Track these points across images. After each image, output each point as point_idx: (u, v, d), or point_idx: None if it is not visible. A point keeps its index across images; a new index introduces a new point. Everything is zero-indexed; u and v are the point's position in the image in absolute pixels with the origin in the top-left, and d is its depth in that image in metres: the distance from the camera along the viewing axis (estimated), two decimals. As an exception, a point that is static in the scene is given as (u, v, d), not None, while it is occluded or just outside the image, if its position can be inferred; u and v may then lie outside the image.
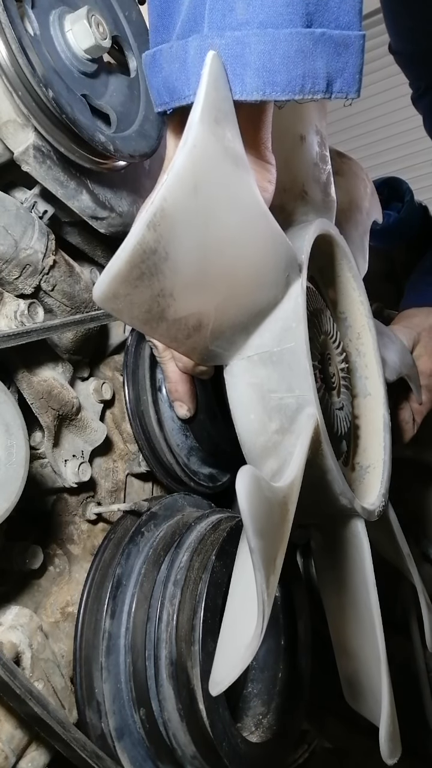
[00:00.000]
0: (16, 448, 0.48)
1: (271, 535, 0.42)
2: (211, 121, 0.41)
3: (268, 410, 0.52)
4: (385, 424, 0.74)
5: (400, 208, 1.24)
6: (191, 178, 0.40)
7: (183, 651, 0.55)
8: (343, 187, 0.79)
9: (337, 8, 0.44)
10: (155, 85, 0.48)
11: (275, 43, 0.42)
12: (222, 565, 0.59)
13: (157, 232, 0.39)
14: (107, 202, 0.62)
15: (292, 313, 0.52)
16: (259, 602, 0.38)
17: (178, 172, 0.39)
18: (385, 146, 3.05)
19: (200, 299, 0.45)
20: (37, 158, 0.55)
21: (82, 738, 0.52)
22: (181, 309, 0.44)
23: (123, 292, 0.39)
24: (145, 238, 0.38)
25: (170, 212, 0.39)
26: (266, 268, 0.50)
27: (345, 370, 0.69)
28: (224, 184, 0.43)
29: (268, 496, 0.42)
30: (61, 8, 0.57)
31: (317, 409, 0.51)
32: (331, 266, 0.72)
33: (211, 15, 0.44)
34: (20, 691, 0.48)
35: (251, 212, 0.46)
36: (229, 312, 0.49)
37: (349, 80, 0.46)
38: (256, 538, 0.39)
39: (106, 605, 0.57)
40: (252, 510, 0.39)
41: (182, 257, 0.41)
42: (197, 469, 0.75)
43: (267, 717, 0.68)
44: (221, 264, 0.46)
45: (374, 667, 0.60)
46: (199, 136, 0.40)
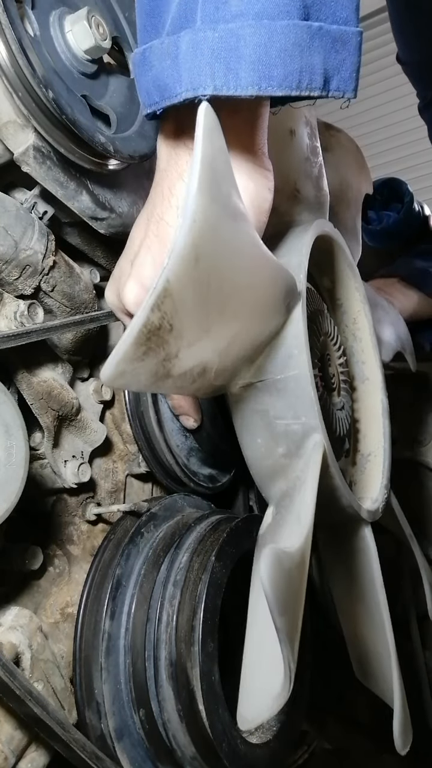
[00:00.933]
0: (16, 448, 0.48)
1: (293, 603, 0.43)
2: (209, 185, 0.39)
3: (274, 436, 0.53)
4: (384, 409, 0.74)
5: (399, 209, 1.24)
6: (193, 253, 0.39)
7: (183, 652, 0.55)
8: (332, 163, 0.78)
9: (334, 3, 0.42)
10: (144, 85, 0.46)
11: (271, 34, 0.40)
12: (222, 565, 0.59)
13: (161, 311, 0.39)
14: (107, 202, 0.62)
15: (293, 340, 0.52)
16: (286, 669, 0.40)
17: (180, 252, 0.38)
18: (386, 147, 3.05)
19: (204, 351, 0.45)
20: (37, 159, 0.55)
21: (81, 739, 0.52)
22: (186, 364, 0.44)
23: (130, 369, 0.39)
24: (149, 320, 0.38)
25: (173, 290, 0.39)
26: (267, 305, 0.50)
27: (343, 364, 0.69)
28: (225, 245, 0.42)
29: (288, 567, 0.43)
30: (61, 9, 0.57)
31: (324, 436, 0.52)
32: (326, 256, 0.72)
33: (204, 8, 0.42)
34: (20, 692, 0.48)
35: (251, 260, 0.46)
36: (233, 352, 0.49)
37: (347, 78, 0.43)
38: (281, 617, 0.40)
39: (106, 606, 0.57)
40: (276, 593, 0.40)
41: (186, 323, 0.41)
42: (197, 469, 0.75)
43: (267, 717, 0.68)
44: (224, 316, 0.45)
45: (384, 658, 0.62)
46: (198, 209, 0.39)
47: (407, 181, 1.28)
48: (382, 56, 2.93)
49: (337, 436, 0.64)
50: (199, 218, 0.39)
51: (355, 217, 0.84)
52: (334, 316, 0.76)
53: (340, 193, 0.81)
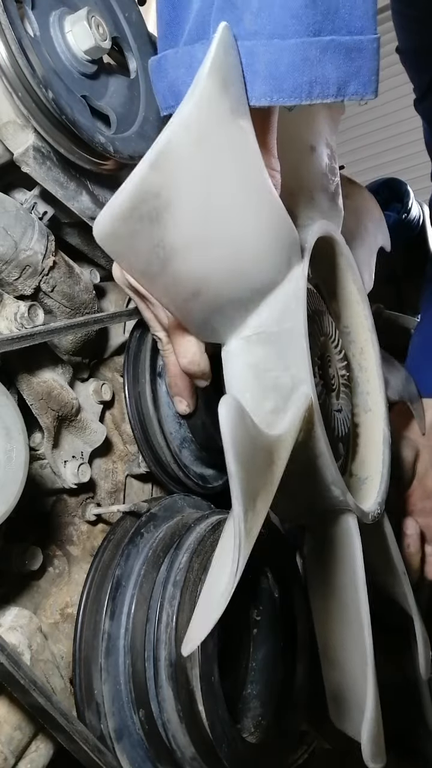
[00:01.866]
0: (16, 450, 0.48)
1: (253, 473, 0.39)
2: (219, 81, 0.40)
3: (263, 389, 0.52)
4: (385, 439, 0.74)
5: (399, 209, 1.24)
6: (196, 128, 0.39)
7: (182, 652, 0.55)
8: (351, 209, 0.79)
9: (348, 15, 0.46)
10: (160, 90, 0.50)
11: (280, 52, 0.44)
12: (221, 566, 0.59)
13: (160, 173, 0.38)
14: (107, 203, 0.62)
15: (291, 295, 0.52)
16: (236, 534, 0.35)
17: (183, 117, 0.38)
18: (385, 147, 3.05)
19: (199, 261, 0.45)
20: (36, 159, 0.55)
21: (84, 731, 0.52)
22: (180, 268, 0.44)
23: (123, 233, 0.39)
24: (147, 178, 0.38)
25: (173, 157, 0.39)
26: (268, 243, 0.50)
27: (345, 378, 0.69)
28: (229, 146, 0.43)
29: (253, 434, 0.41)
30: (61, 9, 0.57)
31: (312, 387, 0.51)
32: (334, 277, 0.72)
33: (216, 24, 0.44)
34: (24, 682, 0.48)
35: (255, 182, 0.46)
36: (229, 284, 0.49)
37: (365, 82, 0.47)
38: (236, 464, 0.36)
39: (106, 606, 0.57)
40: (233, 435, 0.36)
41: (184, 209, 0.41)
42: (197, 470, 0.75)
43: (266, 718, 0.68)
44: (222, 227, 0.45)
45: (360, 674, 0.58)
46: (206, 90, 0.39)
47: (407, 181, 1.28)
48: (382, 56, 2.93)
49: (334, 436, 0.64)
50: (206, 96, 0.39)
51: (370, 256, 0.85)
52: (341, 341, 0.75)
53: (357, 234, 0.82)
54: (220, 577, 0.35)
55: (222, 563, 0.38)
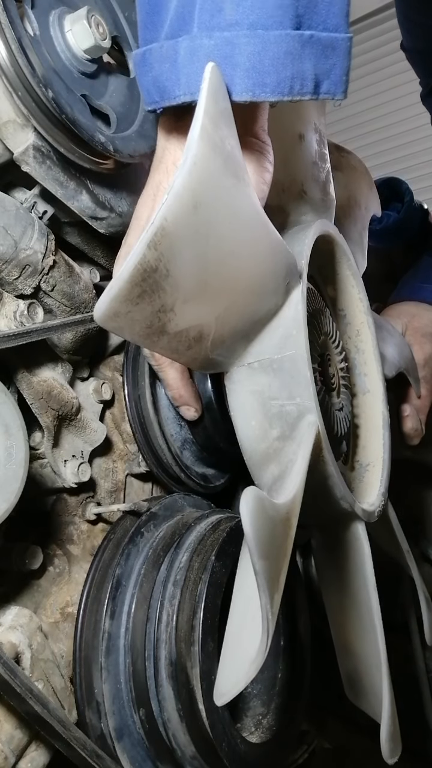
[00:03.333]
0: (16, 448, 0.48)
1: (275, 554, 0.42)
2: (210, 136, 0.40)
3: (269, 417, 0.52)
4: (385, 421, 0.74)
5: (399, 209, 1.24)
6: (191, 197, 0.39)
7: (182, 651, 0.55)
8: (341, 182, 0.78)
9: (325, 11, 0.44)
10: (145, 84, 0.48)
11: (265, 44, 0.42)
12: (222, 565, 0.59)
13: (158, 251, 0.39)
14: (107, 202, 0.62)
15: (292, 321, 0.52)
16: (264, 622, 0.38)
17: (177, 191, 0.39)
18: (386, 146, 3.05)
19: (201, 311, 0.45)
20: (36, 158, 0.55)
21: (82, 737, 0.52)
22: (182, 322, 0.44)
23: (124, 311, 0.39)
24: (145, 258, 0.38)
25: (171, 231, 0.39)
26: (266, 278, 0.50)
27: (344, 369, 0.69)
28: (224, 199, 0.42)
29: (271, 515, 0.42)
30: (60, 8, 0.57)
31: (318, 416, 0.51)
32: (330, 264, 0.72)
33: (200, 15, 0.43)
34: (20, 690, 0.48)
35: (251, 223, 0.46)
36: (230, 321, 0.49)
37: (336, 81, 0.46)
38: (261, 560, 0.39)
39: (106, 606, 0.57)
40: (256, 533, 0.39)
41: (183, 272, 0.41)
42: (197, 469, 0.75)
43: (267, 717, 0.68)
44: (222, 275, 0.45)
45: (374, 666, 0.60)
46: (198, 154, 0.39)
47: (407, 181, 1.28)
48: (382, 55, 2.93)
49: (336, 436, 0.64)
50: (199, 162, 0.39)
51: (361, 232, 0.84)
52: (337, 327, 0.75)
53: (348, 209, 0.82)
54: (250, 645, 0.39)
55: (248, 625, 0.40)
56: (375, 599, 0.60)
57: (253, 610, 0.39)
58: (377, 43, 2.97)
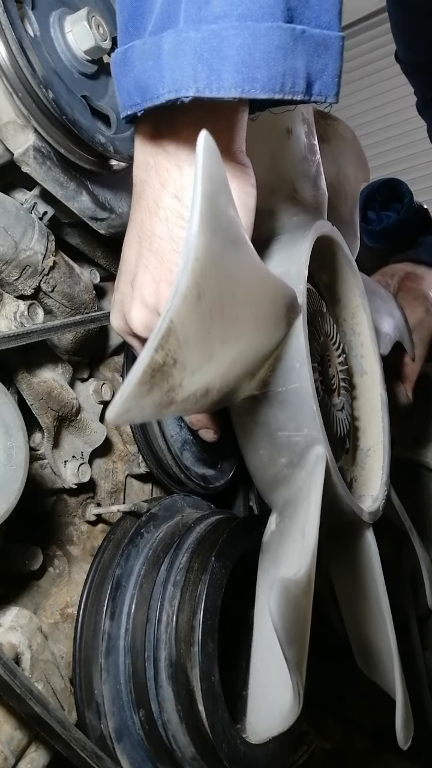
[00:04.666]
0: (16, 449, 0.48)
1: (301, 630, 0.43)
2: (210, 221, 0.38)
3: (276, 447, 0.53)
4: (383, 403, 0.74)
5: (399, 209, 1.24)
6: (195, 291, 0.38)
7: (182, 652, 0.55)
8: (329, 154, 0.77)
9: (318, 6, 0.41)
10: (125, 86, 0.44)
11: (255, 36, 0.39)
12: (222, 566, 0.59)
13: (165, 349, 0.38)
14: (107, 203, 0.62)
15: (295, 354, 0.51)
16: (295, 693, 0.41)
17: (183, 292, 0.38)
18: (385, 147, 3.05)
19: (207, 375, 0.45)
20: (37, 159, 0.55)
21: (82, 738, 0.52)
22: (189, 390, 0.43)
23: (134, 405, 0.39)
24: (154, 360, 0.38)
25: (177, 329, 0.38)
26: (268, 322, 0.50)
27: (343, 362, 0.69)
28: (227, 273, 0.42)
29: (295, 594, 0.43)
30: (61, 9, 0.57)
31: (326, 448, 0.52)
32: (324, 253, 0.71)
33: (186, 8, 0.40)
34: (20, 691, 0.48)
35: (253, 283, 0.46)
36: (235, 371, 0.49)
37: (329, 83, 0.43)
38: (290, 647, 0.41)
39: (106, 606, 0.57)
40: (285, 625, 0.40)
41: (190, 355, 0.40)
42: (197, 470, 0.75)
43: (266, 718, 0.68)
44: (227, 341, 0.45)
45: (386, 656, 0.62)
46: (200, 247, 0.38)
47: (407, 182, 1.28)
48: (382, 56, 2.93)
49: (338, 437, 0.64)
50: (201, 256, 0.38)
51: (352, 210, 0.83)
52: (332, 311, 0.75)
53: (338, 185, 0.80)
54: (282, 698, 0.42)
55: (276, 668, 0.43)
56: (384, 598, 0.62)
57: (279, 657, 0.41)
58: (377, 44, 2.97)
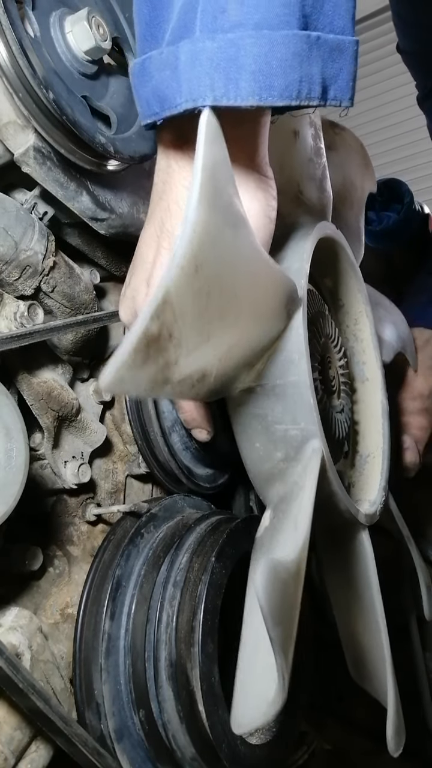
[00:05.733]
0: (16, 451, 0.48)
1: (288, 614, 0.43)
2: (209, 195, 0.39)
3: (273, 440, 0.53)
4: (384, 410, 0.74)
5: (399, 210, 1.24)
6: (192, 263, 0.39)
7: (183, 652, 0.55)
8: (336, 163, 0.77)
9: (332, 12, 0.42)
10: (144, 95, 0.45)
11: (272, 45, 0.40)
12: (222, 566, 0.59)
13: (160, 320, 0.38)
14: (107, 203, 0.62)
15: (294, 346, 0.51)
16: (280, 679, 0.40)
17: (179, 262, 0.38)
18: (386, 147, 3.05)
19: (204, 357, 0.45)
20: (37, 160, 0.55)
21: (83, 734, 0.52)
22: (186, 370, 0.43)
23: (129, 376, 0.39)
24: (149, 330, 0.38)
25: (173, 300, 0.38)
26: (267, 311, 0.50)
27: (344, 366, 0.69)
28: (225, 252, 0.42)
29: (283, 577, 0.43)
30: (61, 10, 0.57)
31: (323, 442, 0.52)
32: (328, 257, 0.71)
33: (203, 18, 0.41)
34: (23, 686, 0.48)
35: (252, 267, 0.46)
36: (233, 357, 0.49)
37: (343, 87, 0.44)
38: (276, 628, 0.40)
39: (106, 607, 0.57)
40: (271, 605, 0.40)
41: (186, 331, 0.41)
42: (197, 470, 0.75)
43: (266, 718, 0.68)
44: (224, 323, 0.45)
45: (380, 663, 0.61)
46: (199, 219, 0.38)
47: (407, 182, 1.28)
48: (382, 56, 2.93)
49: (336, 439, 0.64)
50: (199, 229, 0.38)
51: (358, 217, 0.83)
52: (335, 317, 0.75)
53: (344, 192, 0.81)
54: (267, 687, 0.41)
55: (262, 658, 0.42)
56: (379, 602, 0.61)
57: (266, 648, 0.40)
58: (377, 44, 2.97)
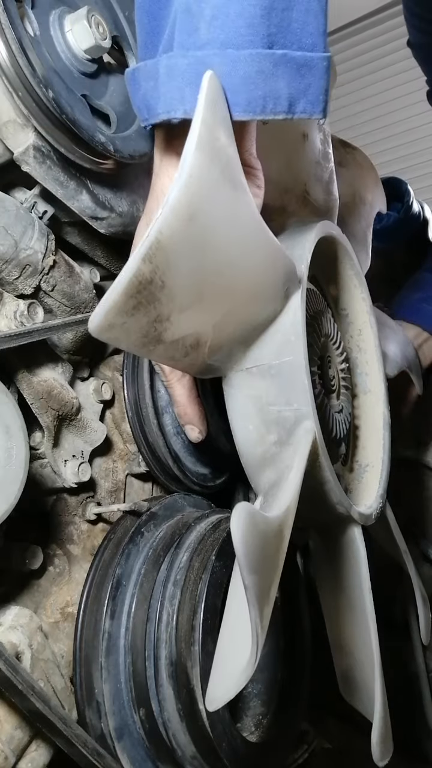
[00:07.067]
0: (16, 449, 0.48)
1: (266, 568, 0.42)
2: (207, 145, 0.40)
3: (266, 422, 0.52)
4: (385, 422, 0.74)
5: (400, 209, 1.24)
6: (187, 209, 0.39)
7: (183, 651, 0.55)
8: (346, 178, 0.78)
9: (300, 30, 0.44)
10: (136, 102, 0.49)
11: (235, 63, 0.42)
12: (222, 565, 0.59)
13: (153, 263, 0.38)
14: (107, 202, 0.62)
15: (290, 327, 0.51)
16: (253, 635, 0.39)
17: (173, 204, 0.38)
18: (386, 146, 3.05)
19: (198, 320, 0.45)
20: (37, 158, 0.55)
21: (83, 735, 0.52)
22: (179, 331, 0.43)
23: (119, 322, 0.39)
24: (140, 271, 0.38)
25: (166, 244, 0.38)
26: (265, 285, 0.50)
27: (345, 370, 0.69)
28: (221, 209, 0.42)
29: (263, 529, 0.42)
30: (61, 8, 0.57)
31: (315, 423, 0.51)
32: (333, 264, 0.72)
33: (179, 35, 0.44)
34: (22, 687, 0.48)
35: (249, 231, 0.46)
36: (228, 328, 0.49)
37: (313, 101, 0.45)
38: (250, 575, 0.39)
39: (106, 605, 0.57)
40: (246, 548, 0.39)
41: (179, 283, 0.41)
42: (197, 469, 0.75)
43: (267, 717, 0.68)
44: (219, 284, 0.45)
45: (368, 668, 0.60)
46: (195, 165, 0.39)
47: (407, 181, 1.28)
48: (382, 56, 2.93)
49: (334, 438, 0.64)
50: (195, 174, 0.38)
51: (365, 230, 0.84)
52: (339, 326, 0.75)
53: (353, 206, 0.81)
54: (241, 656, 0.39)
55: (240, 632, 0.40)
56: (370, 602, 0.60)
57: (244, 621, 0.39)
58: (378, 43, 2.97)
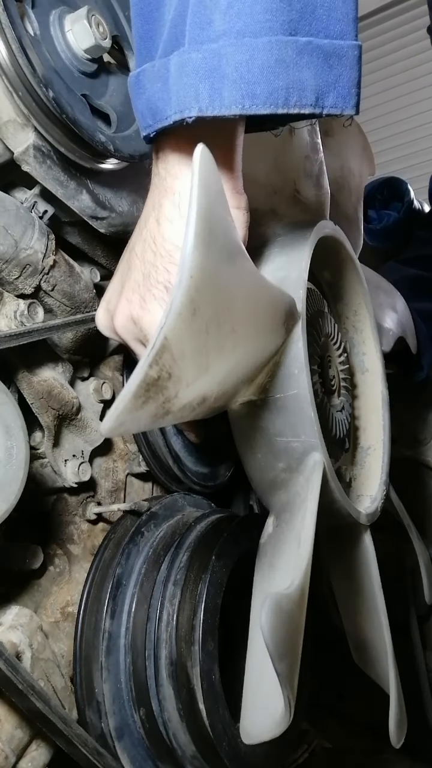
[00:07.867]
0: (16, 449, 0.48)
1: (293, 643, 0.43)
2: (205, 238, 0.38)
3: (274, 452, 0.53)
4: (384, 401, 0.74)
5: (400, 208, 1.24)
6: (190, 307, 0.38)
7: (183, 651, 0.55)
8: (333, 148, 0.77)
9: (326, 16, 0.40)
10: (140, 108, 0.45)
11: (253, 52, 0.39)
12: (222, 564, 0.59)
13: (160, 365, 0.38)
14: (107, 201, 0.62)
15: (293, 360, 0.51)
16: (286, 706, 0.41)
17: (177, 309, 0.37)
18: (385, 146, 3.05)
19: (203, 386, 0.45)
20: (37, 158, 0.55)
21: (83, 734, 0.52)
22: (185, 400, 0.43)
23: (129, 418, 0.39)
24: (148, 375, 0.37)
25: (171, 345, 0.38)
26: (267, 333, 0.50)
27: (344, 362, 0.69)
28: (223, 287, 0.41)
29: (289, 609, 0.43)
30: (61, 8, 0.57)
31: (324, 455, 0.52)
32: (327, 250, 0.71)
33: (190, 30, 0.41)
34: (22, 687, 0.48)
35: (249, 294, 0.45)
36: (232, 379, 0.49)
37: (344, 94, 0.41)
38: (281, 663, 0.41)
39: (106, 605, 0.57)
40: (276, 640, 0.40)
41: (185, 366, 0.40)
42: (197, 468, 0.75)
43: (267, 717, 0.68)
44: (223, 353, 0.45)
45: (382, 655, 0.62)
46: (195, 264, 0.38)
47: (407, 181, 1.28)
48: (382, 55, 2.93)
49: (336, 439, 0.64)
50: (196, 273, 0.38)
51: (356, 206, 0.83)
52: (334, 308, 0.75)
53: (342, 180, 0.80)
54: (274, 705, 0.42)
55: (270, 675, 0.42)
56: (381, 600, 0.62)
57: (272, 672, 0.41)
58: (377, 43, 2.97)
